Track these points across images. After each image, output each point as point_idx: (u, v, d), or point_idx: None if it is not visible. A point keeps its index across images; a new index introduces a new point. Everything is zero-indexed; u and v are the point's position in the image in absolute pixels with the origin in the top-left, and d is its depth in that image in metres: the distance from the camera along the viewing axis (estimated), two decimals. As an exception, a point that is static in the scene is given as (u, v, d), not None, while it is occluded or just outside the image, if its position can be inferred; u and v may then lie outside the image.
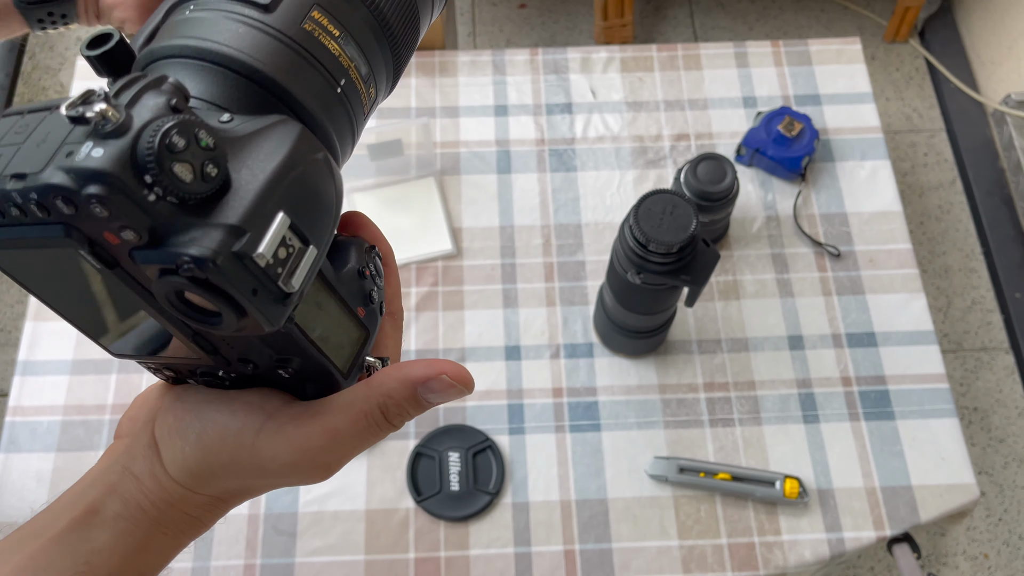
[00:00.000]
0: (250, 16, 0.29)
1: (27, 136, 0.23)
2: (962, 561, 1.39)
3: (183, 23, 0.29)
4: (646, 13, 1.88)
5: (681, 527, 0.80)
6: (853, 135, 1.00)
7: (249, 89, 0.28)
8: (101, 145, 0.22)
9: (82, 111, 0.22)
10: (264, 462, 0.30)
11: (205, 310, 0.25)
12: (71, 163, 0.22)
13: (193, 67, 0.28)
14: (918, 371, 0.87)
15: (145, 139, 0.22)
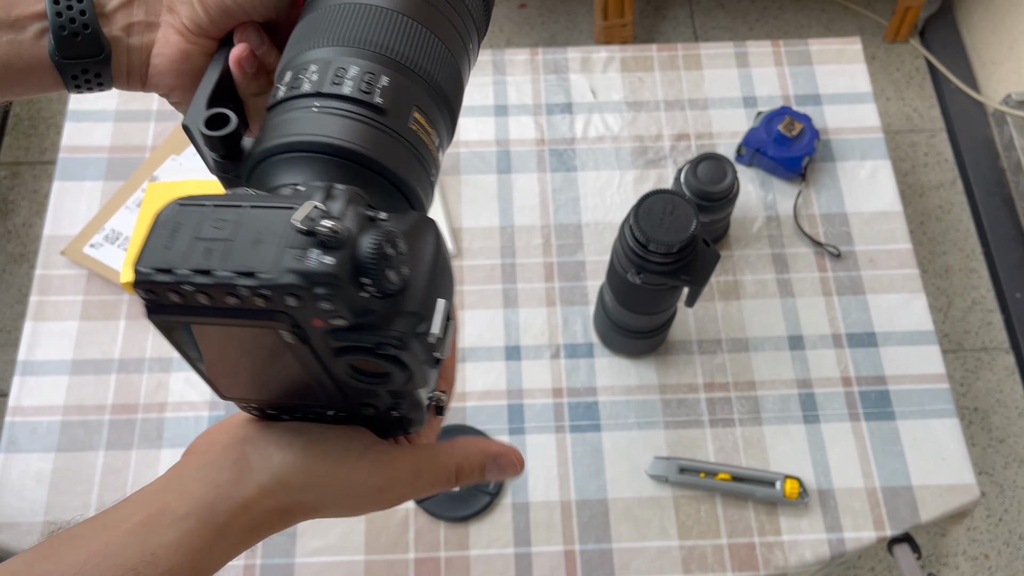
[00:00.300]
0: (369, 117, 0.33)
1: (234, 233, 0.27)
2: (962, 561, 1.39)
3: (297, 120, 0.32)
4: (646, 13, 1.88)
5: (681, 527, 0.80)
6: (853, 135, 1.00)
7: (380, 185, 0.33)
8: (328, 254, 0.27)
9: (312, 226, 0.27)
10: (357, 481, 0.34)
11: (374, 373, 0.30)
12: (305, 267, 0.26)
13: (326, 164, 0.32)
14: (918, 371, 0.87)
15: (365, 249, 0.27)
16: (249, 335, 0.29)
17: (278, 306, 0.27)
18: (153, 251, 0.27)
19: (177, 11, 0.39)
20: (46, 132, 1.71)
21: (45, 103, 1.74)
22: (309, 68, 0.33)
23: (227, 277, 0.27)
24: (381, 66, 0.34)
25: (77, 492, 0.80)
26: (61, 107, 1.71)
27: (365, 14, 0.34)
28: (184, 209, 0.28)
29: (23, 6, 0.38)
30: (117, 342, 0.87)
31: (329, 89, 0.32)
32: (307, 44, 0.35)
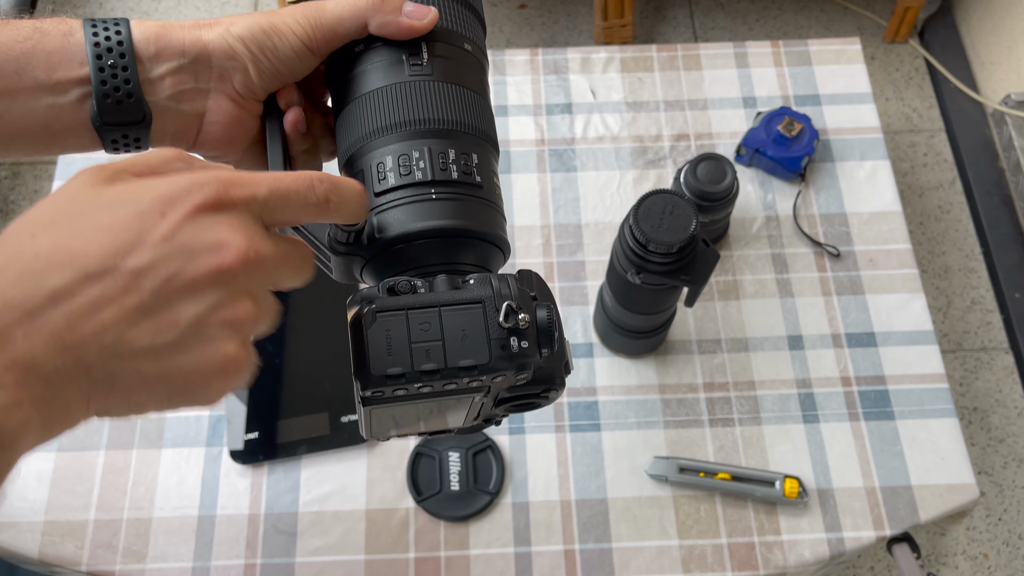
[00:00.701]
0: (474, 195, 0.38)
1: (441, 334, 0.33)
2: (962, 561, 1.39)
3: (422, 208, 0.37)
4: (646, 13, 1.88)
5: (681, 527, 0.80)
6: (853, 135, 1.01)
7: (486, 247, 0.39)
8: (524, 339, 0.34)
9: (513, 323, 0.34)
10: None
11: (533, 396, 0.38)
12: (513, 355, 0.34)
13: (451, 241, 0.37)
14: (918, 371, 0.87)
15: (543, 327, 0.35)
16: (442, 402, 0.35)
17: (486, 383, 0.34)
18: (379, 359, 0.32)
19: (229, 78, 0.39)
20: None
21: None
22: (412, 155, 0.37)
23: (452, 372, 0.33)
24: (464, 143, 0.39)
25: (78, 492, 0.80)
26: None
27: (426, 92, 0.39)
28: (384, 317, 0.33)
29: (65, 70, 0.37)
30: (118, 342, 0.87)
31: (440, 176, 0.37)
32: (378, 125, 0.38)
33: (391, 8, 0.39)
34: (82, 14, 1.82)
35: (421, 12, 0.39)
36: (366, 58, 0.40)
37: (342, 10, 0.39)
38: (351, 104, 0.40)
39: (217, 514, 0.80)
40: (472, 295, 0.34)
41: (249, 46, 0.39)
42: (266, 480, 0.81)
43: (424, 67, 0.39)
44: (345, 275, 0.40)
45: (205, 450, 0.82)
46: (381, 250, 0.37)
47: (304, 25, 0.39)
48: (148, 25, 0.39)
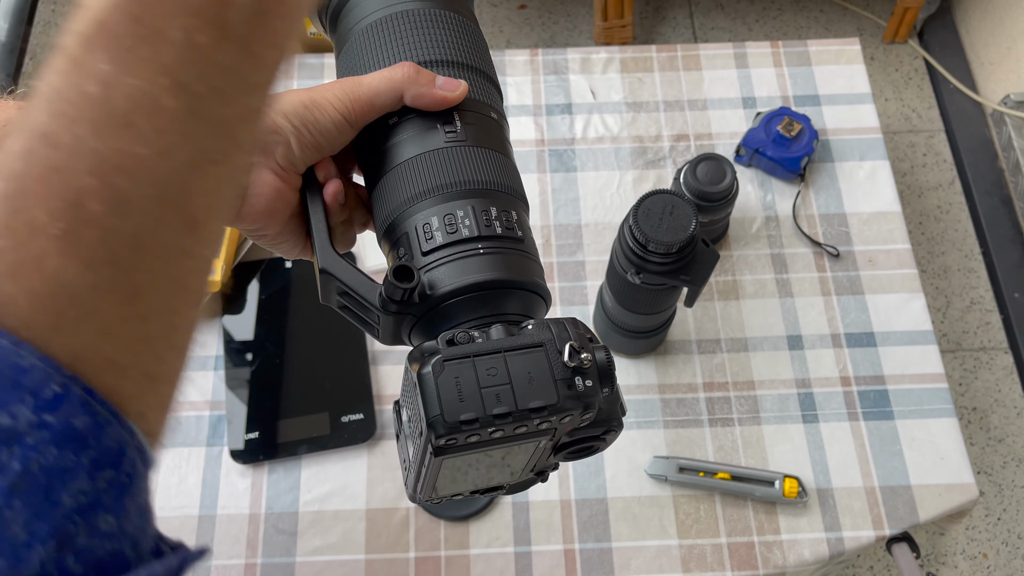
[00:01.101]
0: (517, 248, 0.40)
1: (508, 378, 0.34)
2: (961, 560, 1.39)
3: (472, 262, 0.39)
4: (646, 14, 1.88)
5: (681, 526, 0.80)
6: (852, 135, 1.01)
7: (531, 296, 0.40)
8: (587, 378, 0.35)
9: (576, 362, 0.35)
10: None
11: (592, 439, 0.39)
12: (579, 395, 0.35)
13: (498, 294, 0.39)
14: (917, 371, 0.87)
15: (603, 367, 0.36)
16: (509, 449, 0.36)
17: (555, 425, 0.35)
18: (451, 406, 0.33)
19: (272, 152, 0.41)
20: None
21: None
22: (456, 214, 0.39)
23: (523, 414, 0.34)
24: (502, 202, 0.41)
25: (78, 491, 0.80)
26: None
27: (462, 156, 0.41)
28: (452, 365, 0.34)
29: None
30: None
31: (486, 232, 0.39)
32: (419, 190, 0.40)
33: (426, 81, 0.42)
34: (82, 14, 1.82)
35: (453, 85, 0.42)
36: (400, 129, 0.42)
37: (379, 84, 0.41)
38: (389, 173, 0.42)
39: (217, 514, 0.80)
40: (533, 339, 0.35)
41: (292, 120, 0.41)
42: (266, 480, 0.81)
43: (458, 134, 0.42)
44: (393, 336, 0.41)
45: (205, 450, 0.83)
46: (433, 306, 0.38)
47: (343, 99, 0.41)
48: None
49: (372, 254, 0.92)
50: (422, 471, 0.37)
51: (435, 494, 0.39)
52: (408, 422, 0.37)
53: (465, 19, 0.46)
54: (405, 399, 0.38)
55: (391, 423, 0.84)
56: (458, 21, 0.45)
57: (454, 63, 0.44)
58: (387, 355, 0.87)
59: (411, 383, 0.35)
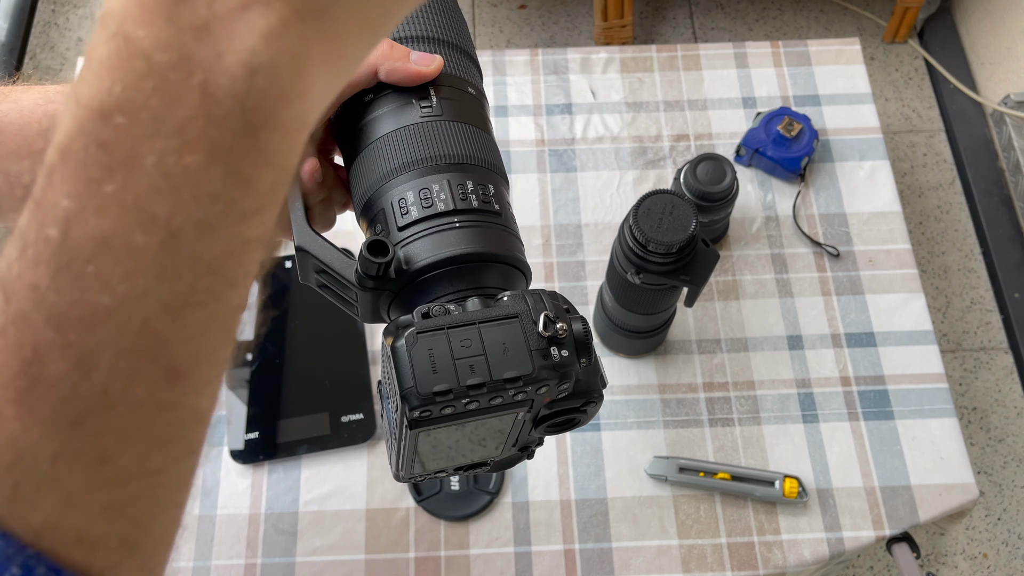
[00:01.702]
0: (494, 222, 0.40)
1: (483, 348, 0.33)
2: (961, 560, 1.39)
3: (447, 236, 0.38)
4: (646, 14, 1.88)
5: (681, 526, 0.80)
6: (852, 135, 1.01)
7: (509, 270, 0.40)
8: (563, 348, 0.34)
9: (551, 332, 0.34)
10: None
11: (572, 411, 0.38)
12: (555, 364, 0.34)
13: (475, 267, 0.38)
14: (917, 371, 0.87)
15: (580, 337, 0.35)
16: (486, 422, 0.36)
17: (531, 396, 0.34)
18: (424, 378, 0.33)
19: None
20: (46, 132, 1.71)
21: (45, 103, 1.74)
22: (432, 188, 0.39)
23: (498, 385, 0.33)
24: (479, 175, 0.40)
25: (78, 491, 0.80)
26: (61, 107, 1.72)
27: (438, 130, 0.41)
28: (425, 337, 0.33)
29: None
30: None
31: (461, 206, 0.39)
32: (395, 165, 0.40)
33: (400, 56, 0.41)
34: (82, 15, 1.82)
35: (427, 59, 0.41)
36: (376, 106, 0.42)
37: None
38: (365, 150, 0.42)
39: (217, 514, 0.80)
40: (508, 310, 0.35)
41: None
42: (266, 480, 0.81)
43: (434, 108, 0.41)
44: (371, 313, 0.41)
45: (205, 449, 0.82)
46: (410, 281, 0.38)
47: None
48: None
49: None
50: (401, 446, 0.36)
51: (418, 471, 0.39)
52: (386, 399, 0.37)
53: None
54: (383, 376, 0.37)
55: (391, 423, 0.84)
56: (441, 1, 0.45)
57: (429, 38, 0.44)
58: (387, 355, 0.87)
59: (387, 357, 0.35)
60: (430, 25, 0.44)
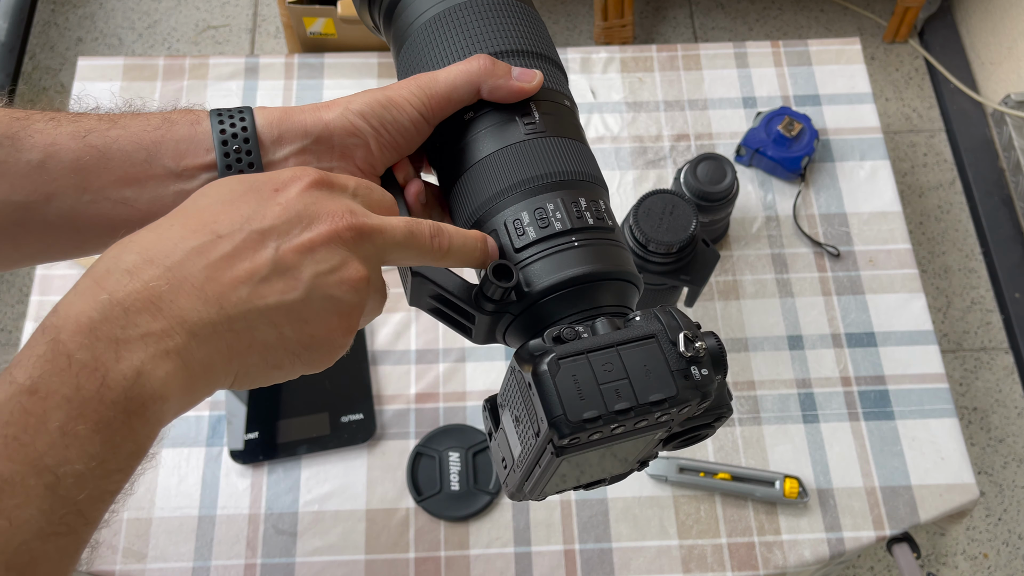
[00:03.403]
0: (609, 239, 0.40)
1: (625, 373, 0.34)
2: (961, 561, 1.39)
3: (568, 256, 0.38)
4: (646, 13, 1.88)
5: (681, 527, 0.80)
6: (853, 135, 1.01)
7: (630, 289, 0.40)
8: (703, 367, 0.35)
9: (693, 352, 0.34)
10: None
11: (702, 427, 0.38)
12: (698, 384, 0.34)
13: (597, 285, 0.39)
14: (918, 371, 0.87)
15: (717, 356, 0.35)
16: (624, 443, 0.36)
17: (674, 416, 0.35)
18: (572, 404, 0.33)
19: (351, 155, 0.41)
20: (46, 132, 1.70)
21: (46, 103, 1.74)
22: (547, 207, 0.39)
23: (644, 409, 0.33)
24: (588, 191, 0.40)
25: (78, 492, 0.80)
26: (62, 107, 1.71)
27: (544, 148, 0.41)
28: (567, 363, 0.34)
29: (192, 156, 0.39)
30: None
31: (577, 224, 0.39)
32: (504, 185, 0.40)
33: (502, 73, 0.41)
34: (82, 14, 1.82)
35: (529, 75, 0.42)
36: (477, 124, 0.42)
37: (455, 78, 0.41)
38: (470, 169, 0.41)
39: (217, 514, 0.80)
40: (644, 331, 0.35)
41: (370, 121, 0.40)
42: (266, 480, 0.81)
43: (537, 125, 0.41)
44: (487, 336, 0.41)
45: (205, 450, 0.82)
46: (531, 303, 0.38)
47: (419, 96, 0.41)
48: (271, 111, 0.40)
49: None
50: (535, 471, 0.36)
51: (548, 491, 0.39)
52: (515, 423, 0.36)
53: (524, 4, 0.45)
54: (510, 399, 0.37)
55: (391, 423, 0.84)
56: (519, 8, 0.45)
57: (523, 52, 0.43)
58: (387, 355, 0.87)
59: (522, 384, 0.35)
60: (522, 38, 0.44)
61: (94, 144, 0.38)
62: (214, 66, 1.03)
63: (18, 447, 0.27)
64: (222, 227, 0.32)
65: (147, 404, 0.29)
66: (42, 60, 1.78)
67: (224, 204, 0.33)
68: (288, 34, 1.22)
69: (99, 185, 0.38)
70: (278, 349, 0.32)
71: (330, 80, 1.03)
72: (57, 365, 0.28)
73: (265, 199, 0.33)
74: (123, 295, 0.29)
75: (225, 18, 1.83)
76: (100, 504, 0.29)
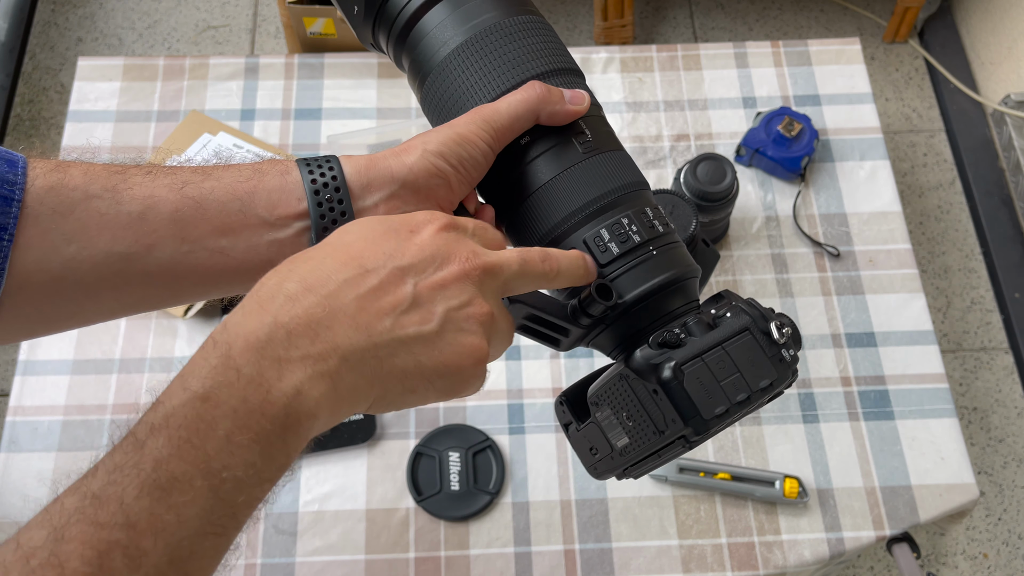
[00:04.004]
0: (676, 240, 0.43)
1: (735, 367, 0.38)
2: (961, 561, 1.39)
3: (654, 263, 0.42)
4: (646, 13, 1.88)
5: (681, 527, 0.80)
6: (853, 135, 1.01)
7: (695, 283, 0.44)
8: (788, 347, 0.39)
9: (781, 338, 0.39)
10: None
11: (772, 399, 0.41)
12: (788, 364, 0.39)
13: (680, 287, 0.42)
14: (917, 371, 0.87)
15: (796, 336, 0.40)
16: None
17: (775, 396, 0.40)
18: (703, 403, 0.37)
19: (434, 195, 0.43)
20: (47, 132, 1.71)
21: (46, 103, 1.74)
22: (623, 223, 0.42)
23: (757, 396, 0.38)
24: (648, 199, 0.44)
25: (78, 492, 0.80)
26: (62, 107, 1.72)
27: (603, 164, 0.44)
28: (688, 368, 0.38)
29: (285, 206, 0.40)
30: (118, 342, 0.87)
31: (651, 235, 0.42)
32: (576, 205, 0.42)
33: (557, 99, 0.43)
34: (82, 14, 1.82)
35: (579, 97, 0.45)
36: (533, 148, 0.44)
37: (517, 108, 0.43)
38: (535, 194, 0.43)
39: (217, 514, 0.80)
40: (739, 326, 0.39)
41: (449, 160, 0.42)
42: (266, 480, 0.81)
43: (591, 143, 0.44)
44: (574, 344, 0.44)
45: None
46: (625, 312, 0.41)
47: (486, 129, 0.42)
48: (356, 159, 0.42)
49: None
50: (648, 460, 0.41)
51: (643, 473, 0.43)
52: (626, 420, 0.40)
53: (540, 19, 0.47)
54: (615, 400, 0.41)
55: (391, 423, 0.84)
56: (541, 24, 0.46)
57: (561, 71, 0.45)
58: (387, 355, 0.87)
59: (640, 389, 0.39)
60: (555, 56, 0.46)
61: (191, 195, 0.39)
62: (214, 66, 1.03)
63: (190, 449, 0.29)
64: (368, 262, 0.35)
65: (301, 420, 0.31)
66: (42, 60, 1.78)
67: (368, 242, 0.36)
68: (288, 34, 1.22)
69: (197, 235, 0.39)
70: (414, 375, 0.35)
71: (330, 80, 1.03)
72: (227, 377, 0.31)
73: (403, 239, 0.36)
74: (286, 319, 0.32)
75: (225, 18, 1.83)
76: (249, 510, 0.32)
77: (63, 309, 0.39)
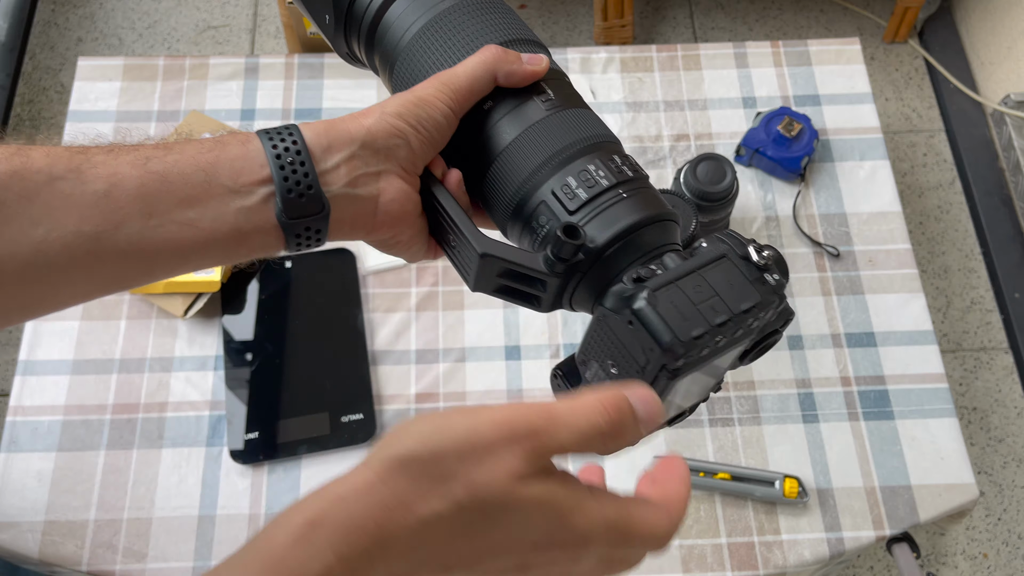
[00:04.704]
0: (647, 184, 0.43)
1: (714, 290, 0.37)
2: (961, 561, 1.39)
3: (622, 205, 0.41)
4: (646, 13, 1.88)
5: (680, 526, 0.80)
6: (852, 135, 1.01)
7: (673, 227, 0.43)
8: (772, 271, 0.38)
9: (764, 260, 0.38)
10: None
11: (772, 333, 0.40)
12: (772, 287, 0.38)
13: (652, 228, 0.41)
14: (917, 371, 0.87)
15: (780, 261, 0.39)
16: (716, 361, 0.38)
17: (761, 322, 0.38)
18: (679, 326, 0.36)
19: (394, 156, 0.43)
20: (47, 132, 1.71)
21: (46, 103, 1.74)
22: (589, 169, 0.41)
23: (739, 318, 0.36)
24: (616, 148, 0.43)
25: (78, 492, 0.80)
26: (62, 107, 1.72)
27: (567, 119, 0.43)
28: (661, 293, 0.36)
29: (248, 173, 0.40)
30: (118, 342, 0.87)
31: (620, 178, 0.41)
32: (541, 159, 0.42)
33: (514, 59, 0.44)
34: (82, 14, 1.82)
35: (536, 59, 0.45)
36: (497, 110, 0.44)
37: (474, 69, 0.43)
38: (502, 154, 0.43)
39: (217, 514, 0.80)
40: (715, 253, 0.38)
41: (408, 120, 0.42)
42: (266, 480, 0.81)
43: (554, 100, 0.44)
44: (554, 301, 0.43)
45: (205, 450, 0.82)
46: (598, 256, 0.40)
47: (445, 91, 0.43)
48: (314, 124, 0.42)
49: (372, 254, 0.92)
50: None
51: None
52: (610, 368, 0.39)
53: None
54: (598, 350, 0.40)
55: (391, 423, 0.84)
56: (498, 3, 0.47)
57: (518, 40, 0.46)
58: (387, 355, 0.87)
59: (617, 326, 0.37)
60: (513, 28, 0.47)
61: (155, 170, 0.39)
62: (214, 66, 1.03)
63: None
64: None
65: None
66: (42, 60, 1.78)
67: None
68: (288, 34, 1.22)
69: (163, 209, 0.39)
70: None
71: (330, 80, 1.03)
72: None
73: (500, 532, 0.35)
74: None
75: (225, 18, 1.83)
76: None
77: (37, 293, 0.39)
